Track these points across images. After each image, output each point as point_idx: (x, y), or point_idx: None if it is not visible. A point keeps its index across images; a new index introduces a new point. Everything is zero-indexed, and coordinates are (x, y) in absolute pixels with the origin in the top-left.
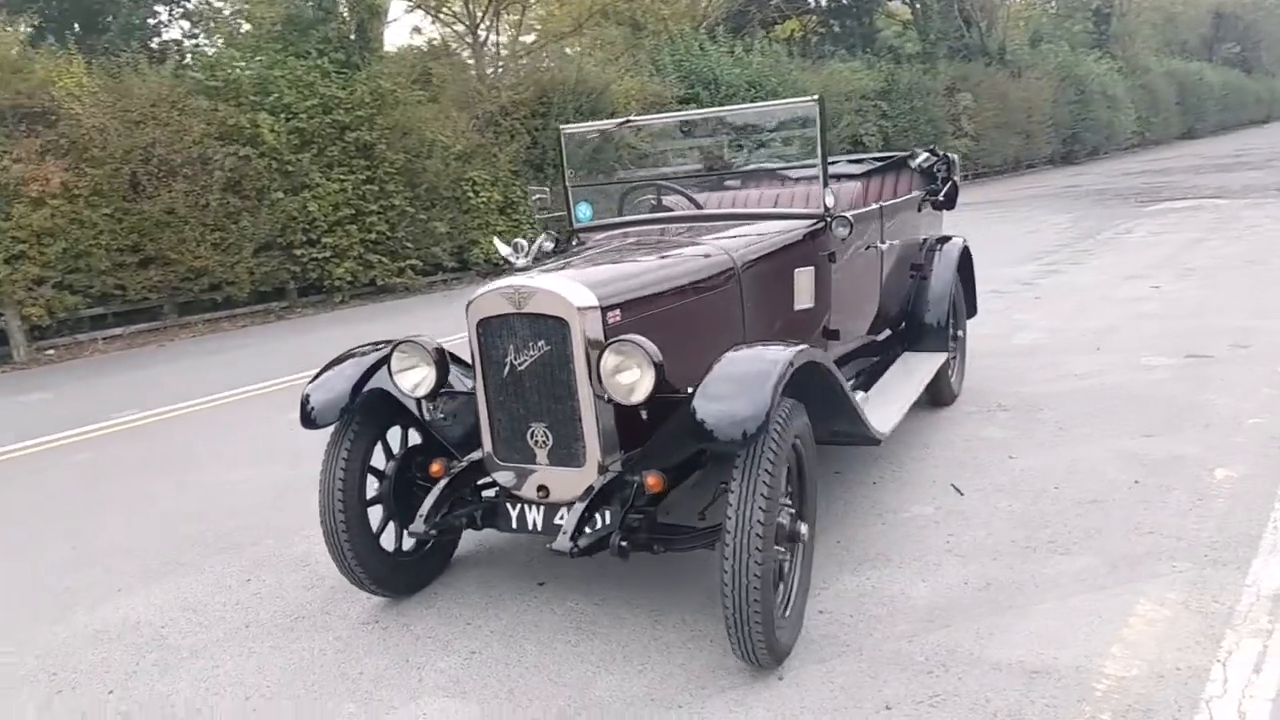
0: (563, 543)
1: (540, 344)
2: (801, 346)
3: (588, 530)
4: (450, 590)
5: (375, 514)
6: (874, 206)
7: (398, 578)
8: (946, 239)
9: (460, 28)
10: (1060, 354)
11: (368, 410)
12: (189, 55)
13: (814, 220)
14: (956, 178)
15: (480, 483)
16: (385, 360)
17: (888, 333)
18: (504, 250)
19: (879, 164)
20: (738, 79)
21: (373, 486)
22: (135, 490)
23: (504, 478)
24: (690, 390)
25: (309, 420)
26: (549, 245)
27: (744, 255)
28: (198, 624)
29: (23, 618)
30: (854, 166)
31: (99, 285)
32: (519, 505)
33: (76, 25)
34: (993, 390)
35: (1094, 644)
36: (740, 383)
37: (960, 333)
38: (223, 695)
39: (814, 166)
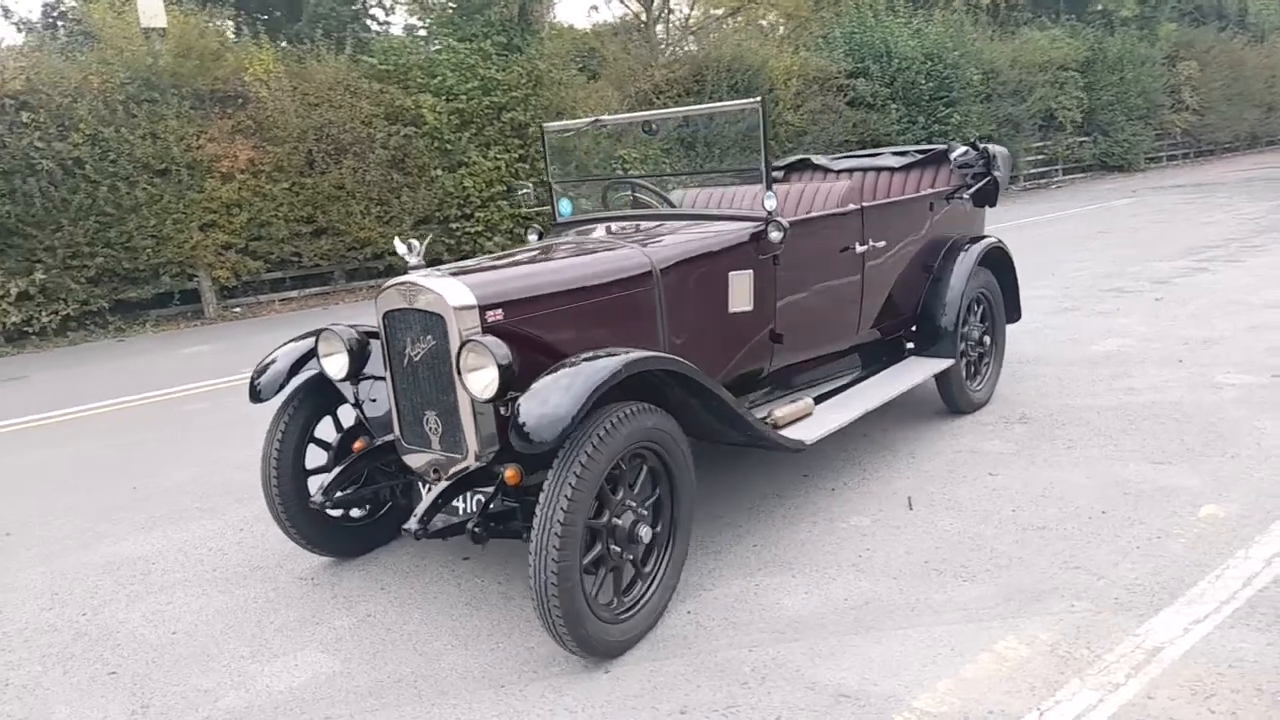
0: (410, 524)
1: (429, 338)
2: (637, 355)
3: (462, 515)
4: (390, 556)
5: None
6: (836, 210)
7: (336, 540)
8: (979, 239)
9: (637, 5)
10: (1133, 365)
11: (314, 389)
12: (369, 41)
13: (756, 223)
14: (999, 173)
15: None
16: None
17: (876, 334)
18: (400, 249)
19: (919, 157)
20: (913, 51)
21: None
22: (222, 439)
23: (410, 460)
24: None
25: (255, 395)
26: (534, 239)
27: (665, 258)
28: (179, 564)
29: (61, 546)
30: (896, 159)
31: (278, 252)
32: (427, 485)
33: (277, 13)
34: (1026, 400)
35: (925, 676)
36: (559, 388)
37: (989, 338)
38: (158, 627)
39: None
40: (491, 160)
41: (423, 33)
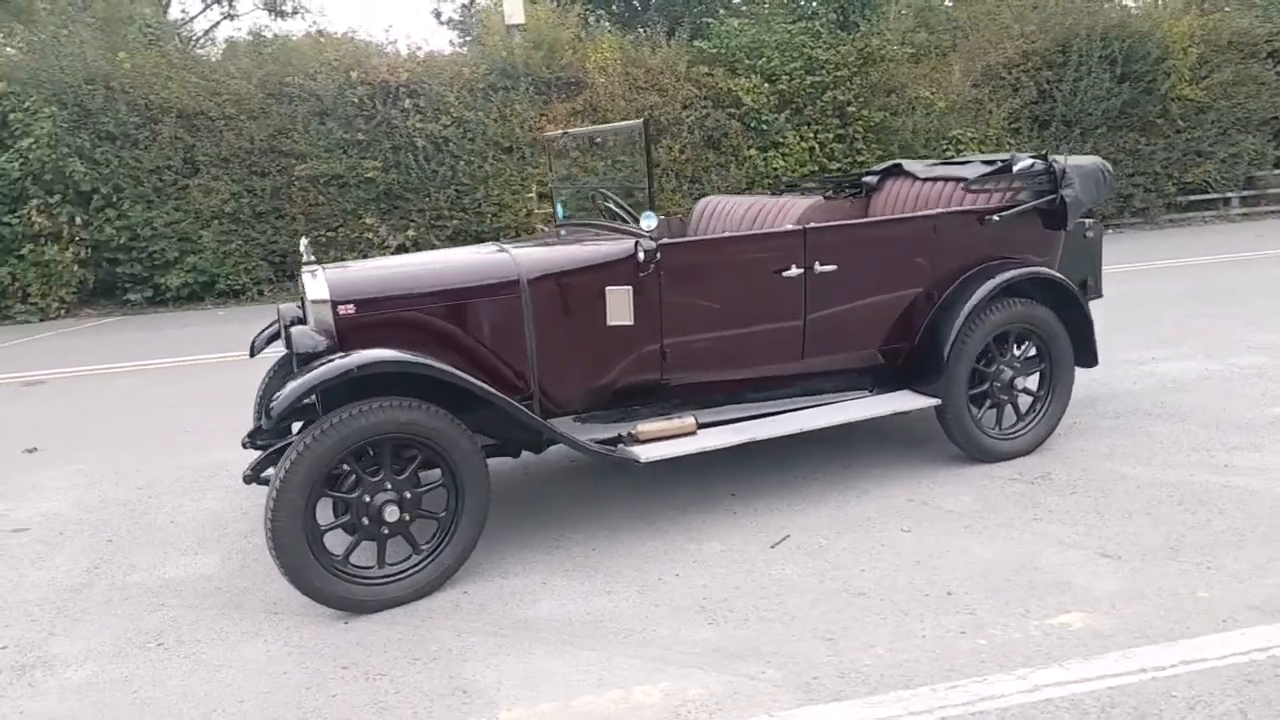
0: (244, 473)
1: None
2: (376, 355)
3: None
4: None
5: None
6: (752, 232)
7: None
8: (1011, 266)
9: None
10: (1265, 444)
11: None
12: (705, 27)
13: (641, 239)
14: (1071, 192)
15: None
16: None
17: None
18: (302, 245)
19: (987, 169)
20: None
21: None
22: None
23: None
24: None
25: (252, 350)
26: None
27: (534, 267)
28: (194, 507)
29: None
30: (973, 169)
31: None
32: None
33: (632, 3)
34: (1076, 458)
35: (545, 695)
36: (296, 379)
37: (1042, 381)
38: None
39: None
40: (807, 140)
41: (752, 16)
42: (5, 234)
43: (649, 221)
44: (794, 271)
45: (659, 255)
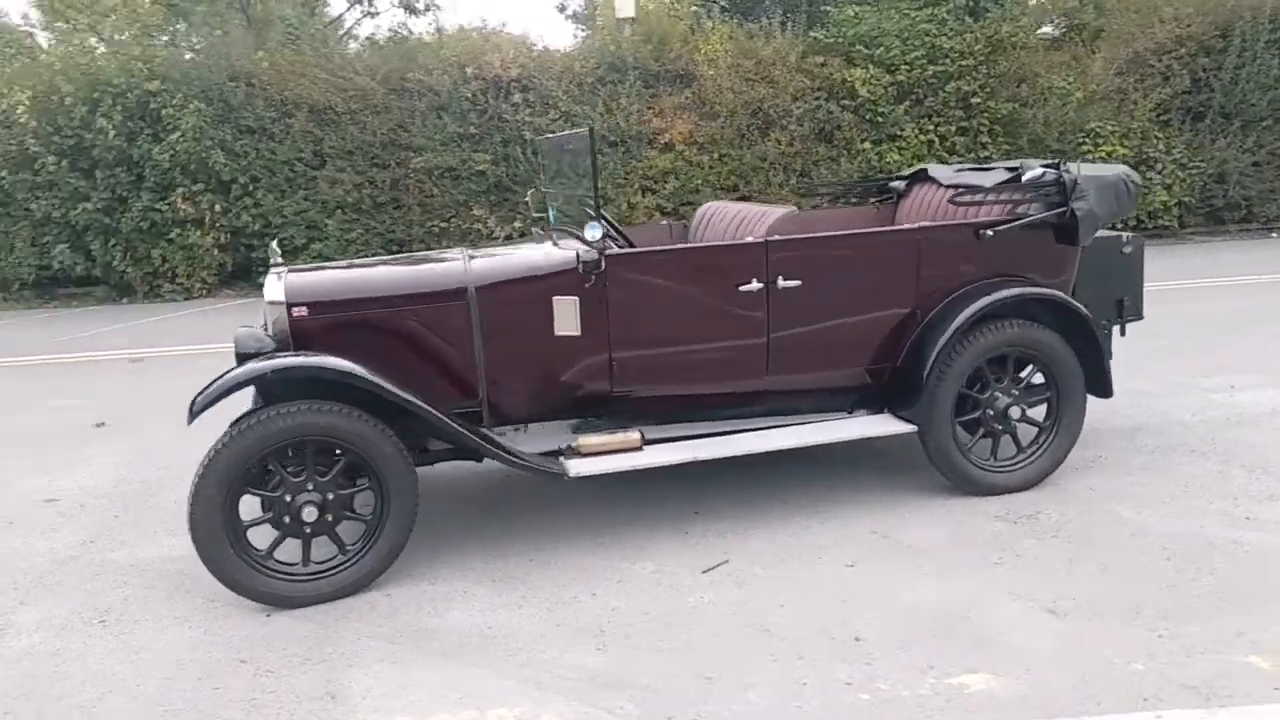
0: None
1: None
2: (298, 360)
3: None
4: None
5: None
6: (708, 244)
7: None
8: (1005, 285)
9: None
10: None
11: None
12: (823, 16)
13: (587, 249)
14: (1084, 205)
15: None
16: None
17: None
18: (271, 248)
19: (1006, 176)
20: None
21: None
22: None
23: None
24: None
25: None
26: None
27: (482, 275)
28: None
29: None
30: (993, 177)
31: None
32: None
33: None
34: (1087, 500)
35: (390, 708)
36: (218, 379)
37: (1048, 410)
38: None
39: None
40: (926, 133)
41: (874, 3)
42: (156, 219)
43: (593, 232)
44: (755, 286)
45: (604, 266)
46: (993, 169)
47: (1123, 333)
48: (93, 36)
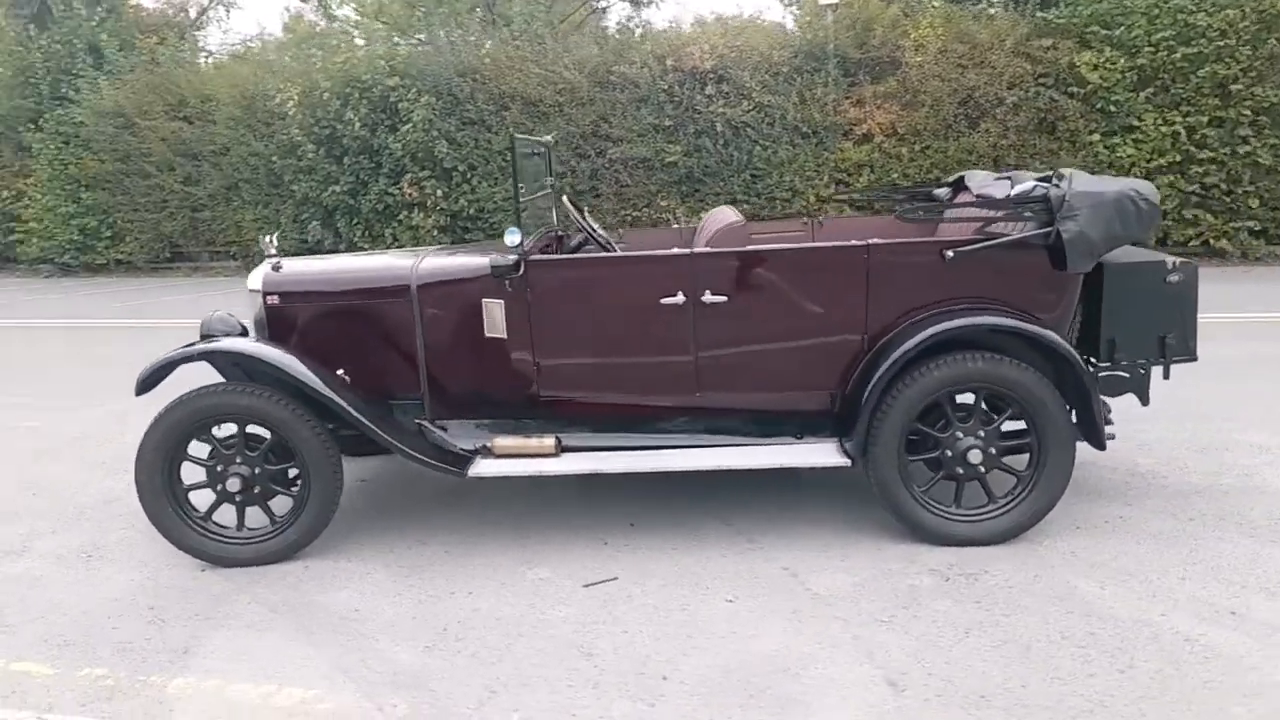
0: None
1: None
2: (205, 345)
3: None
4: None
5: None
6: (630, 254)
7: None
8: (975, 313)
9: None
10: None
11: None
12: None
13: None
14: (1070, 226)
15: None
16: None
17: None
18: (266, 240)
19: (1012, 189)
20: None
21: None
22: None
23: None
24: None
25: None
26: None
27: (423, 275)
28: None
29: None
30: (1004, 187)
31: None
32: None
33: None
34: (1049, 564)
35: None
36: (156, 358)
37: (1031, 457)
38: None
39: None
40: (1170, 124)
41: None
42: (389, 201)
43: (511, 237)
44: (678, 299)
45: (524, 272)
46: (1010, 178)
47: (1165, 375)
48: (358, 36)
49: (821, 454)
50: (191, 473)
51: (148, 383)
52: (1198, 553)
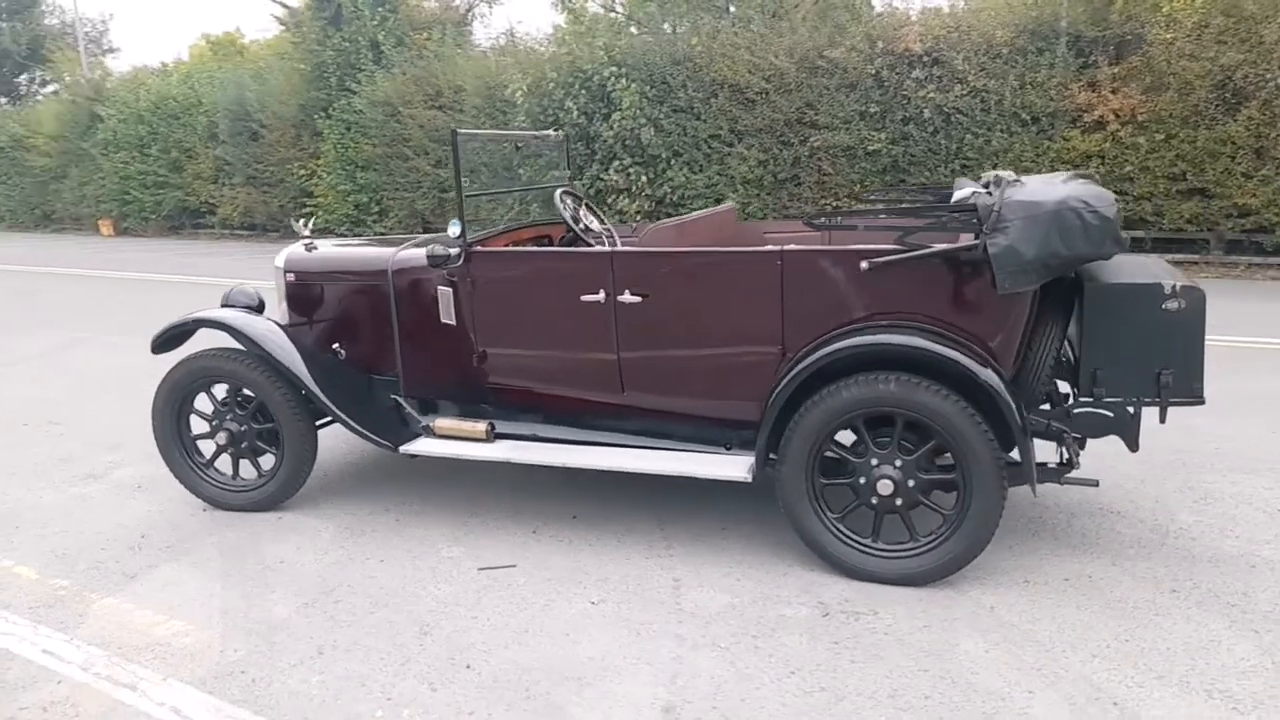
0: None
1: None
2: (199, 314)
3: None
4: None
5: None
6: (556, 249)
7: None
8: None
9: None
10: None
11: None
12: None
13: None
14: (998, 241)
15: None
16: None
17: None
18: (300, 224)
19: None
20: None
21: None
22: None
23: None
24: None
25: None
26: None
27: (397, 262)
28: None
29: None
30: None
31: (1134, 210)
32: None
33: None
34: (955, 615)
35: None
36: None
37: (959, 493)
38: None
39: None
40: None
41: None
42: (600, 187)
43: (453, 229)
44: (599, 297)
45: (464, 261)
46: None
47: (1161, 419)
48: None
49: (728, 467)
50: (200, 425)
51: (163, 345)
52: (1141, 630)
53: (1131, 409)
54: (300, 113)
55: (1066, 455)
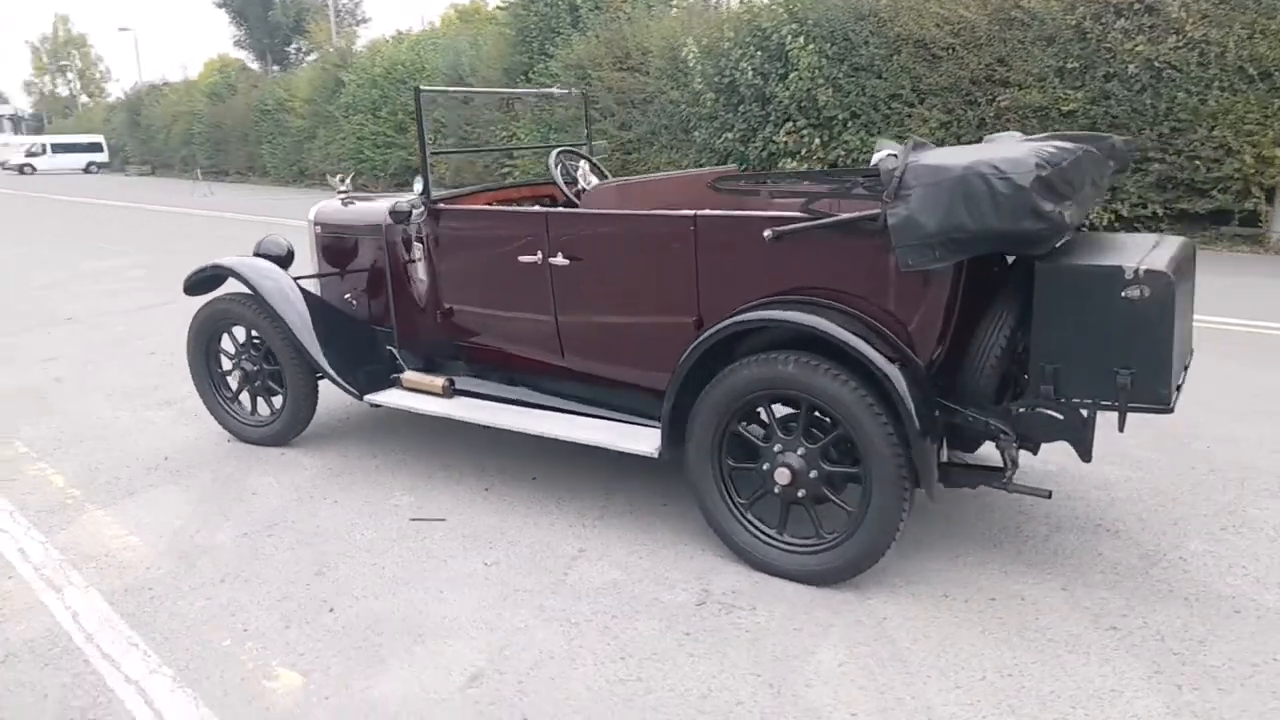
0: None
1: None
2: (217, 261)
3: None
4: None
5: None
6: (501, 209)
7: None
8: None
9: None
10: None
11: None
12: None
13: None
14: (898, 211)
15: None
16: None
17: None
18: (337, 179)
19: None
20: None
21: None
22: None
23: None
24: None
25: None
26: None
27: (388, 217)
28: None
29: None
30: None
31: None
32: None
33: None
34: (864, 615)
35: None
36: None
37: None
38: None
39: None
40: None
41: None
42: (773, 149)
43: (417, 185)
44: (535, 258)
45: (427, 218)
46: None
47: (1120, 426)
48: None
49: (640, 441)
50: (227, 364)
51: (194, 288)
52: (1036, 666)
53: (1085, 412)
54: (504, 77)
55: (1005, 459)
